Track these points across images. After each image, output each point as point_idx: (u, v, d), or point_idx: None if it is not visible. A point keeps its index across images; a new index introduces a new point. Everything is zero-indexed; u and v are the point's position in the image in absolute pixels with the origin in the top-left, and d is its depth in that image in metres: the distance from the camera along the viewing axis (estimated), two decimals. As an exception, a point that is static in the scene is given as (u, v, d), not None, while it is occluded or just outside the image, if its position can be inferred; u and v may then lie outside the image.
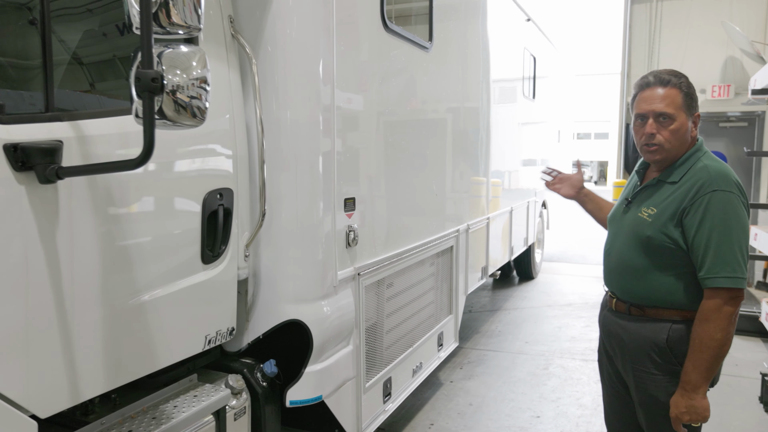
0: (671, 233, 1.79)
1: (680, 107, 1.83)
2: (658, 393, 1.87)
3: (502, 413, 3.54)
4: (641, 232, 1.85)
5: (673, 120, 1.82)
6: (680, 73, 1.87)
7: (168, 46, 1.27)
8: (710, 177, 1.77)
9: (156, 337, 1.69)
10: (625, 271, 1.92)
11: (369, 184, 2.57)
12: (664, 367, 1.85)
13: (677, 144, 1.85)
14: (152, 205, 1.66)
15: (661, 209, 1.83)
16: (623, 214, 1.99)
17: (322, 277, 2.21)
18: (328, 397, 2.27)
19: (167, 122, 1.28)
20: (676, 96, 1.82)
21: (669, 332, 1.83)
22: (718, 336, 1.71)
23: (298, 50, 2.10)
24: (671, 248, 1.80)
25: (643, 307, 1.90)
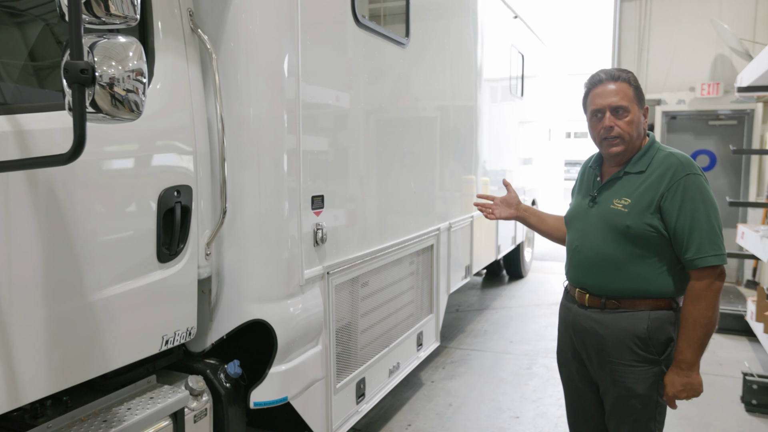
0: (650, 221, 1.83)
1: (632, 100, 1.89)
2: (636, 385, 1.89)
3: (481, 414, 3.51)
4: (619, 223, 1.87)
5: (628, 112, 1.89)
6: (627, 69, 1.96)
7: (103, 36, 1.23)
8: (680, 162, 1.84)
9: (107, 337, 1.64)
10: (602, 265, 1.92)
11: (339, 182, 2.53)
12: (644, 357, 1.88)
13: (635, 135, 1.91)
14: (101, 202, 1.62)
15: (636, 198, 1.86)
16: (589, 210, 1.99)
17: (288, 276, 2.16)
18: (295, 398, 2.23)
19: (105, 116, 1.24)
20: (627, 89, 1.89)
21: (649, 321, 1.86)
22: (709, 313, 1.79)
23: (261, 45, 2.06)
24: (652, 235, 1.84)
25: (620, 299, 1.91)
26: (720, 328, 5.15)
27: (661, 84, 7.47)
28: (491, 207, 2.41)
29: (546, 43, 7.27)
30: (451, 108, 4.02)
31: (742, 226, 5.06)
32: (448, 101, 3.94)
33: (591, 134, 1.97)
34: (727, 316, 5.17)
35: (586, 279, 1.98)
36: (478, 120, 4.59)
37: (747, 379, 3.58)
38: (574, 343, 2.05)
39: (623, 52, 7.65)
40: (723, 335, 5.07)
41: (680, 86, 7.38)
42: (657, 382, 1.88)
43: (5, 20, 1.58)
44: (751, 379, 3.56)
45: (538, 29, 6.77)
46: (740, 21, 7.03)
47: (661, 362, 1.87)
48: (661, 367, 1.88)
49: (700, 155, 7.38)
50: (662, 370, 1.88)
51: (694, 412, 3.54)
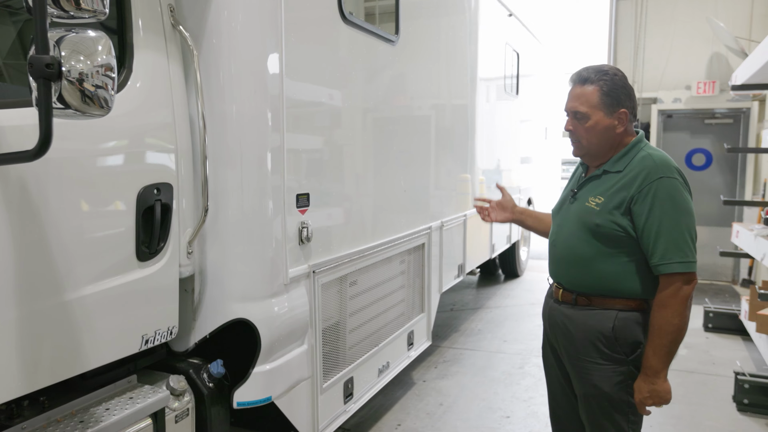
0: (619, 221, 1.82)
1: (596, 105, 1.85)
2: (602, 383, 1.88)
3: (472, 413, 3.49)
4: (590, 221, 1.87)
5: (588, 118, 1.87)
6: (606, 69, 1.88)
7: (72, 30, 1.21)
8: (655, 165, 1.81)
9: (84, 336, 1.62)
10: (573, 260, 1.93)
11: (326, 180, 2.51)
12: (610, 356, 1.86)
13: (595, 141, 1.89)
14: (76, 199, 1.60)
15: (608, 197, 1.85)
16: (569, 206, 2.00)
17: (271, 274, 2.15)
18: (279, 397, 2.21)
19: (75, 113, 1.22)
20: (591, 94, 1.85)
21: (615, 321, 1.85)
22: (675, 321, 1.75)
23: (244, 42, 2.04)
24: (620, 235, 1.82)
25: (590, 296, 1.90)
26: (714, 327, 5.14)
27: (657, 82, 7.45)
28: (487, 210, 2.42)
29: (541, 42, 7.25)
30: (444, 106, 4.00)
31: (737, 225, 5.05)
32: (440, 99, 3.92)
33: None
34: (721, 315, 5.16)
35: (560, 274, 2.00)
36: (472, 118, 4.57)
37: (739, 378, 3.56)
38: (549, 337, 2.08)
39: (619, 50, 7.63)
40: (717, 334, 5.06)
41: (676, 85, 7.36)
42: (626, 382, 1.86)
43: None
44: (743, 378, 3.54)
45: (533, 27, 6.74)
46: (736, 19, 7.01)
47: (630, 363, 1.86)
48: (630, 368, 1.86)
49: (696, 154, 7.37)
50: (631, 370, 1.86)
51: (686, 412, 3.52)
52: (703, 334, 5.10)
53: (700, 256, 5.30)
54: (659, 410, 3.51)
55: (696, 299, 6.19)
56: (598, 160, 1.93)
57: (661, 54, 7.40)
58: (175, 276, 1.94)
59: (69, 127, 1.53)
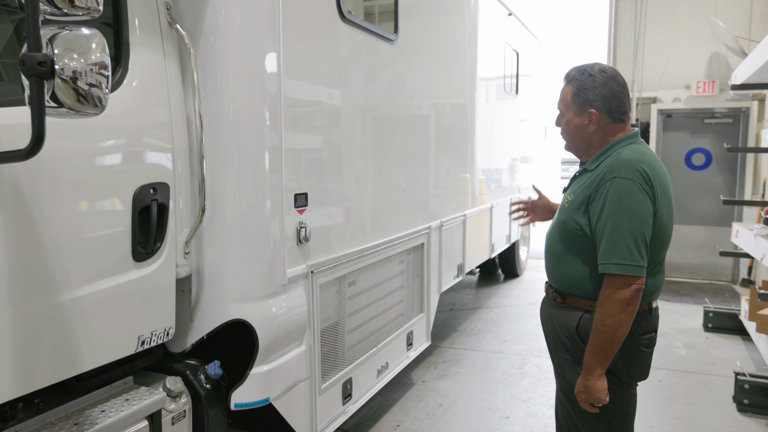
0: (578, 219, 1.84)
1: (568, 104, 1.91)
2: (573, 380, 1.89)
3: (471, 414, 3.47)
4: (559, 218, 1.93)
5: (563, 116, 1.94)
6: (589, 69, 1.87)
7: (65, 28, 1.19)
8: (613, 165, 1.79)
9: (79, 338, 1.61)
10: (550, 256, 2.00)
11: (324, 179, 2.49)
12: (576, 354, 1.88)
13: (570, 138, 1.95)
14: (71, 199, 1.58)
15: (576, 195, 1.89)
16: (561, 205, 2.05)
17: (269, 274, 2.13)
18: (277, 399, 2.19)
19: (69, 111, 1.21)
20: (567, 93, 1.91)
21: (580, 321, 1.87)
22: (607, 321, 1.72)
23: (241, 40, 2.03)
24: (578, 234, 1.85)
25: (563, 293, 1.94)
26: (714, 326, 5.13)
27: (657, 82, 7.44)
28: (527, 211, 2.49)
29: (541, 41, 7.24)
30: (444, 106, 3.99)
31: (736, 225, 5.03)
32: (440, 99, 3.90)
33: None
34: (721, 314, 5.15)
35: (546, 270, 2.07)
36: (472, 118, 4.55)
37: (739, 378, 3.55)
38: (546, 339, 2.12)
39: (619, 49, 7.61)
40: (717, 334, 5.05)
41: (676, 84, 7.34)
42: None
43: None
44: (743, 378, 3.53)
45: (533, 27, 6.73)
46: (736, 18, 6.99)
47: None
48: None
49: (696, 153, 7.35)
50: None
51: (686, 412, 3.51)
52: (703, 334, 5.09)
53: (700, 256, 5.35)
54: (659, 410, 3.51)
55: (696, 299, 6.21)
56: (583, 158, 1.98)
57: (661, 53, 7.38)
58: (172, 276, 1.93)
59: (63, 125, 1.52)
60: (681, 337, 4.96)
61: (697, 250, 7.31)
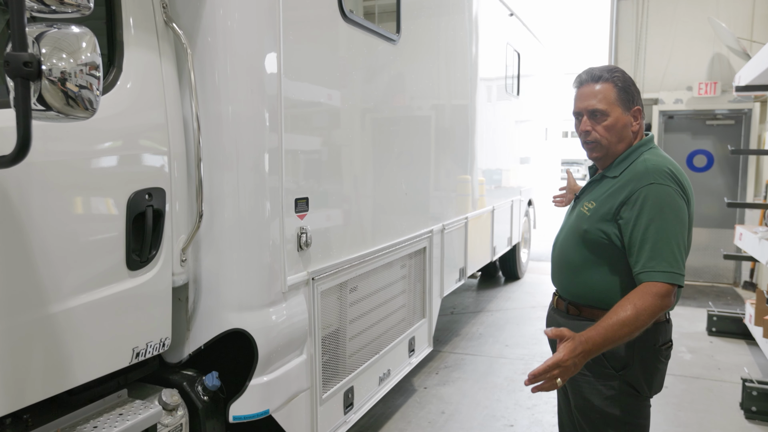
0: (606, 228, 1.75)
1: (613, 102, 1.78)
2: (592, 397, 1.80)
3: (474, 422, 3.41)
4: (580, 227, 1.82)
5: (606, 116, 1.78)
6: (615, 68, 1.82)
7: (54, 26, 1.12)
8: (647, 171, 1.71)
9: (70, 351, 1.53)
10: (564, 266, 1.89)
11: (325, 183, 2.42)
12: (598, 370, 1.78)
13: (614, 140, 1.80)
14: (61, 206, 1.50)
15: (599, 203, 1.79)
16: (571, 210, 1.96)
17: (269, 282, 2.06)
18: (277, 410, 2.12)
19: (58, 115, 1.14)
20: (608, 91, 1.77)
21: None
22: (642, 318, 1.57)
23: (240, 40, 1.96)
24: (605, 243, 1.75)
25: (579, 306, 1.84)
26: (718, 330, 5.07)
27: (659, 83, 7.38)
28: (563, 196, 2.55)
29: (542, 42, 7.19)
30: (445, 106, 3.92)
31: (740, 227, 4.98)
32: (441, 99, 3.84)
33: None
34: (725, 318, 5.09)
35: (555, 280, 1.96)
36: (473, 119, 4.49)
37: (747, 385, 3.48)
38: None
39: (620, 50, 7.56)
40: (721, 338, 4.99)
41: (677, 85, 7.29)
42: (617, 398, 1.77)
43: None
44: (751, 385, 3.47)
45: (534, 27, 6.68)
46: (738, 19, 6.94)
47: (619, 377, 1.77)
48: (620, 383, 1.77)
49: (698, 155, 7.30)
50: (621, 384, 1.77)
51: (693, 419, 3.45)
52: (707, 338, 5.03)
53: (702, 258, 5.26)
54: (666, 417, 3.45)
55: (698, 302, 6.15)
56: (607, 162, 1.85)
57: (663, 54, 7.33)
58: (168, 285, 1.85)
59: (54, 128, 1.45)
60: (685, 341, 4.90)
61: (698, 253, 7.25)
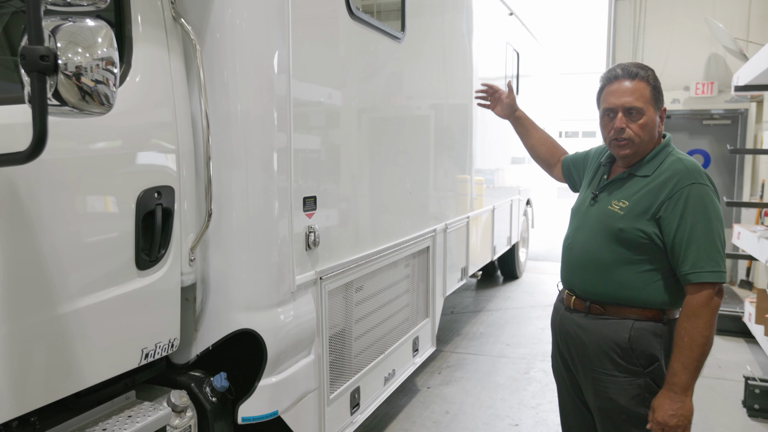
0: (645, 227, 1.73)
1: (649, 101, 1.76)
2: (618, 396, 1.78)
3: (479, 421, 3.39)
4: (612, 225, 1.78)
5: (642, 114, 1.75)
6: (647, 66, 1.81)
7: (69, 19, 1.09)
8: (687, 170, 1.72)
9: (79, 353, 1.50)
10: (589, 266, 1.83)
11: (333, 182, 2.40)
12: (625, 367, 1.77)
13: (647, 139, 1.78)
14: (71, 205, 1.48)
15: (634, 202, 1.76)
16: (589, 208, 1.90)
17: (278, 282, 2.03)
18: (286, 411, 2.10)
19: (72, 110, 1.11)
20: (644, 89, 1.75)
21: (631, 331, 1.76)
22: (707, 333, 1.66)
23: (249, 37, 1.93)
24: (644, 242, 1.74)
25: (604, 305, 1.81)
26: (718, 329, 5.03)
27: (656, 83, 7.41)
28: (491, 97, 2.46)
29: (541, 42, 7.19)
30: (447, 106, 3.91)
31: (738, 226, 5.00)
32: (443, 99, 3.82)
33: (602, 133, 1.86)
34: (724, 317, 5.11)
35: (573, 280, 1.91)
36: (473, 118, 4.48)
37: (749, 383, 3.50)
38: (560, 347, 1.97)
39: (618, 50, 7.58)
40: (720, 336, 5.01)
41: (675, 85, 7.32)
42: (643, 395, 1.76)
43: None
44: (754, 383, 3.48)
45: (533, 27, 6.68)
46: (734, 20, 6.98)
47: (646, 375, 1.76)
48: (647, 380, 1.76)
49: (695, 155, 7.33)
50: (648, 383, 1.76)
51: (696, 418, 3.41)
52: (707, 336, 5.04)
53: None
54: (669, 417, 3.44)
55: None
56: (635, 158, 1.82)
57: (660, 54, 7.35)
58: (177, 285, 1.83)
59: (62, 126, 1.42)
60: (685, 340, 4.91)
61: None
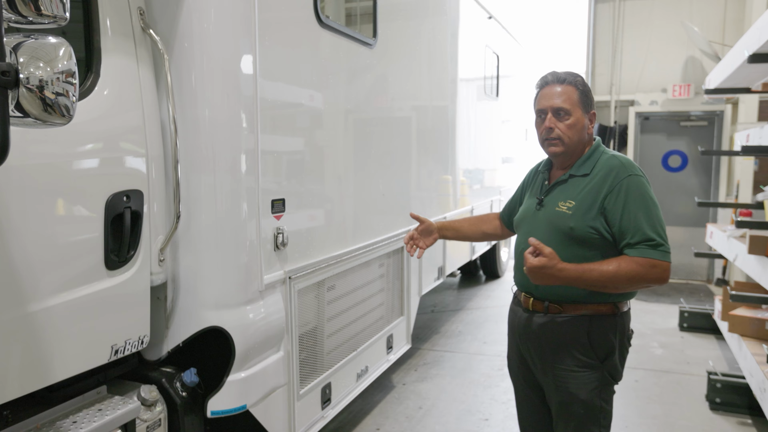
0: (593, 223, 1.84)
1: (576, 104, 1.90)
2: (578, 391, 1.88)
3: (451, 416, 3.50)
4: (563, 225, 1.88)
5: (570, 115, 1.90)
6: (577, 73, 1.96)
7: (31, 36, 1.17)
8: (623, 165, 1.87)
9: (49, 348, 1.58)
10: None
11: (302, 185, 2.49)
12: (584, 362, 1.88)
13: (575, 138, 1.91)
14: (40, 208, 1.55)
15: (580, 200, 1.87)
16: (536, 213, 2.00)
17: (246, 281, 2.12)
18: (255, 405, 2.19)
19: (36, 121, 1.19)
20: (572, 93, 1.90)
21: (589, 326, 1.86)
22: (621, 278, 1.73)
23: (216, 46, 2.01)
24: (594, 237, 1.84)
25: (562, 303, 1.90)
26: (689, 326, 5.24)
27: (635, 85, 7.56)
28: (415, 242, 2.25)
29: (521, 44, 7.30)
30: (424, 108, 4.00)
31: (711, 226, 5.14)
32: (420, 101, 3.92)
33: (537, 135, 1.99)
34: (696, 314, 5.26)
35: (530, 283, 1.96)
36: (452, 120, 4.58)
37: (711, 378, 3.62)
38: (519, 348, 2.05)
39: (597, 53, 7.72)
40: (692, 334, 5.15)
41: (653, 87, 7.47)
42: (600, 388, 1.88)
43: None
44: (715, 378, 3.61)
45: (513, 29, 6.79)
46: (710, 24, 7.14)
47: (603, 368, 1.88)
48: (603, 373, 1.88)
49: (672, 155, 7.49)
50: (605, 375, 1.88)
51: (661, 412, 3.58)
52: (679, 333, 5.19)
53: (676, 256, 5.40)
54: (635, 410, 3.57)
55: (672, 299, 6.33)
56: (570, 159, 1.95)
57: (638, 57, 7.51)
58: (146, 284, 1.91)
59: (33, 132, 1.49)
60: (657, 337, 5.05)
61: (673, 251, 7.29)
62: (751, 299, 3.79)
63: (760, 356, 3.40)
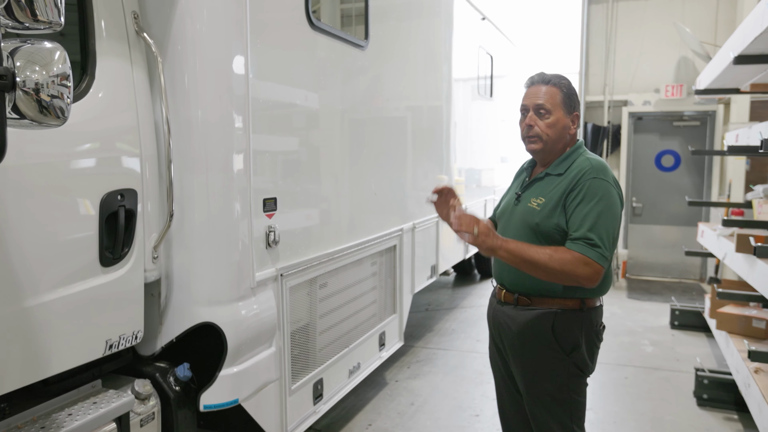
0: (558, 220, 1.90)
1: (558, 104, 1.97)
2: (543, 381, 1.95)
3: (442, 412, 3.55)
4: (530, 221, 1.95)
5: (550, 114, 1.96)
6: (564, 76, 2.02)
7: (27, 41, 1.22)
8: (592, 167, 1.92)
9: (45, 342, 1.63)
10: None
11: (294, 184, 2.54)
12: (551, 355, 1.94)
13: (554, 137, 1.97)
14: (37, 207, 1.60)
15: (549, 198, 1.94)
16: (513, 207, 2.07)
17: (238, 278, 2.17)
18: (247, 400, 2.23)
19: (32, 123, 1.24)
20: (555, 93, 1.97)
21: (554, 320, 1.92)
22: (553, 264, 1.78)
23: (209, 48, 2.06)
24: (556, 234, 1.90)
25: (530, 296, 1.97)
26: (680, 324, 5.30)
27: (628, 85, 7.62)
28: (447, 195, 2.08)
29: (515, 44, 7.36)
30: (418, 108, 4.05)
31: (702, 225, 5.20)
32: (413, 102, 3.97)
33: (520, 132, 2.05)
34: (687, 312, 5.32)
35: (503, 275, 2.06)
36: (447, 121, 4.63)
37: (698, 374, 3.69)
38: (495, 338, 2.14)
39: (591, 53, 7.78)
40: (683, 331, 5.22)
41: (646, 87, 7.54)
42: (568, 379, 1.94)
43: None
44: (703, 374, 3.67)
45: (506, 30, 6.84)
46: (702, 24, 7.21)
47: (569, 359, 1.93)
48: (570, 365, 1.93)
49: (665, 155, 7.56)
50: (571, 367, 1.94)
51: (649, 408, 3.64)
52: (670, 331, 5.25)
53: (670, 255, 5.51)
54: (624, 406, 3.63)
55: (664, 297, 6.39)
56: (549, 158, 2.01)
57: (631, 57, 7.57)
58: (140, 281, 1.95)
59: (29, 133, 1.54)
60: (648, 335, 5.11)
61: (667, 250, 7.51)
62: (738, 297, 3.85)
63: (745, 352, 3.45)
